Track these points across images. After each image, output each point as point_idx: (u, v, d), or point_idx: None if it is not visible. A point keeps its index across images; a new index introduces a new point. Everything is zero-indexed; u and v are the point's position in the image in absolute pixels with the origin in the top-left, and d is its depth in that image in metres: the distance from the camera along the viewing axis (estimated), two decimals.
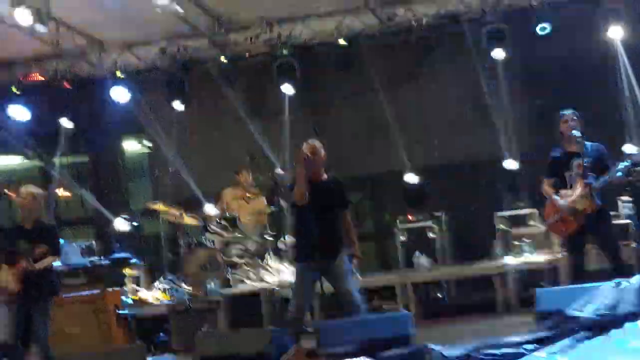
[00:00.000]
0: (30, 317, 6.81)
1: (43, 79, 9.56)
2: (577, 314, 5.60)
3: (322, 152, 6.26)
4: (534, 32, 8.35)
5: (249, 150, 9.45)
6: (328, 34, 9.21)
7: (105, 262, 8.56)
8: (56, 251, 6.98)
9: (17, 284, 6.64)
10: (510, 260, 7.93)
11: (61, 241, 7.39)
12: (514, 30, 8.26)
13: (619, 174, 6.57)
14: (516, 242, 8.26)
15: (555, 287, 6.93)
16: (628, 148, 7.95)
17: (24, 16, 7.01)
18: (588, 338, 5.35)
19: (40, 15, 7.16)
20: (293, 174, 6.68)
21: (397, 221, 8.82)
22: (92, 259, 8.64)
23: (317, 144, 6.28)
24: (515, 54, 8.54)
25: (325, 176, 6.32)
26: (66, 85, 9.52)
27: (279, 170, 9.08)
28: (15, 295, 6.72)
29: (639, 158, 7.48)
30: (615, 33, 8.11)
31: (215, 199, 9.06)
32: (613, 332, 5.25)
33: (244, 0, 8.70)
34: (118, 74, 9.30)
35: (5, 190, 8.00)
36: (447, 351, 5.47)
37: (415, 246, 8.72)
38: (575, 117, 6.53)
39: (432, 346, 5.55)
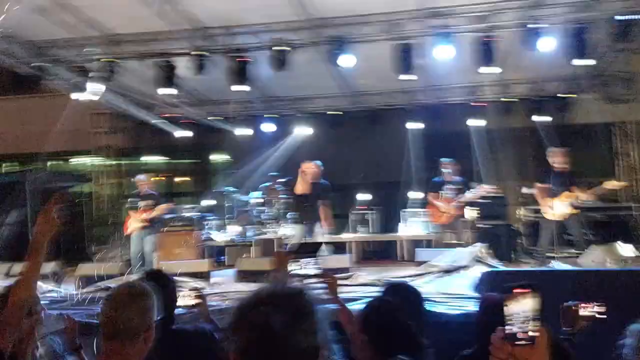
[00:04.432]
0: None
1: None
2: (436, 263, 7.32)
3: (319, 169, 8.19)
4: None
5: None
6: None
7: (195, 215, 10.62)
8: (159, 207, 8.93)
9: (144, 223, 8.84)
10: None
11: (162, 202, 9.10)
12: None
13: None
14: None
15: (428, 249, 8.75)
16: None
17: None
18: (442, 276, 6.96)
19: None
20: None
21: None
22: (189, 213, 10.64)
23: (315, 164, 8.16)
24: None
25: (319, 180, 8.18)
26: None
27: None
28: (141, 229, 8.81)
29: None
30: None
31: None
32: (454, 273, 6.87)
33: None
34: None
35: None
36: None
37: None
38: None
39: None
